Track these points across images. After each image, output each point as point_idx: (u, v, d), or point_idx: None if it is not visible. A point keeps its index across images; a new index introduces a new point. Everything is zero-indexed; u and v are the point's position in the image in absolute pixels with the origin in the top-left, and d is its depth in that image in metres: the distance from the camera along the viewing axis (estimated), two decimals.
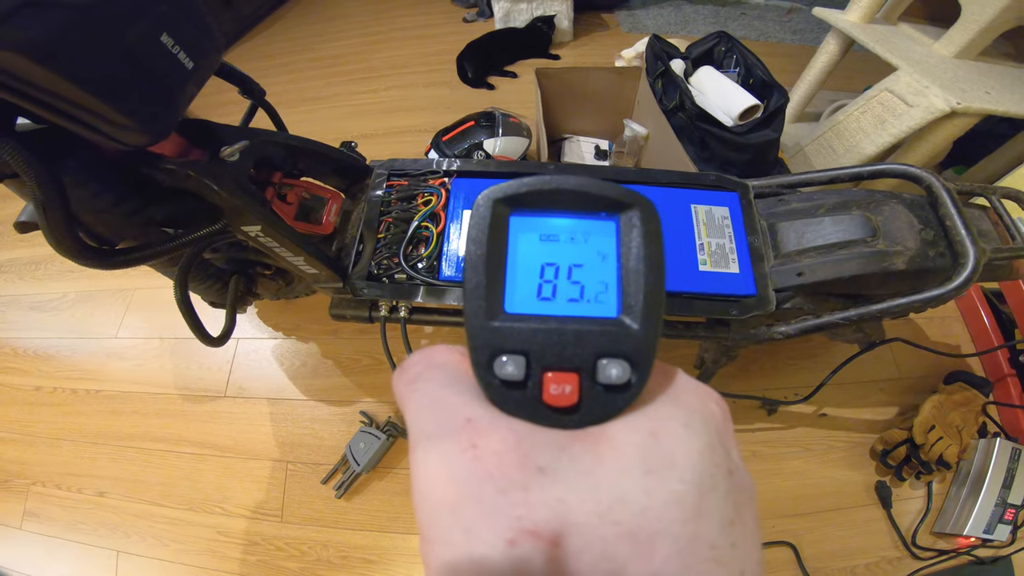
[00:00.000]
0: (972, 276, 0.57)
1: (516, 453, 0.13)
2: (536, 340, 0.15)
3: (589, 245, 0.17)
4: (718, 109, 1.04)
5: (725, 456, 0.15)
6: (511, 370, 0.15)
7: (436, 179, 0.69)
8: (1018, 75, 1.17)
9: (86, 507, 0.88)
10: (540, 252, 0.17)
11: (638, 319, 0.15)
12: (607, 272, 0.16)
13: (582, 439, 0.14)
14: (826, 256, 0.61)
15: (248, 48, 2.00)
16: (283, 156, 0.63)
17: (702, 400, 0.16)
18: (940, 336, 1.09)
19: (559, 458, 0.14)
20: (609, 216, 0.17)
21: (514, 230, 0.17)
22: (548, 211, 0.17)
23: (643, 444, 0.14)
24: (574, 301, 0.16)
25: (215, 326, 0.69)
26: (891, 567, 0.85)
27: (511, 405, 0.15)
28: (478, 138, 1.25)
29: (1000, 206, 0.66)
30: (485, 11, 2.06)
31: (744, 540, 0.14)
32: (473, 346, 0.15)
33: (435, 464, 0.14)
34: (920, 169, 0.62)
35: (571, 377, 0.15)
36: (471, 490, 0.13)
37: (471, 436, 0.14)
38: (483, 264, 0.16)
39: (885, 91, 1.09)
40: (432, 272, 0.63)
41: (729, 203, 0.66)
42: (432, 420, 0.15)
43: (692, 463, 0.14)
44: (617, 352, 0.15)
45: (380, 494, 0.86)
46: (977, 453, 0.91)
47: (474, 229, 0.16)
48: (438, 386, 0.16)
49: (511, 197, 0.16)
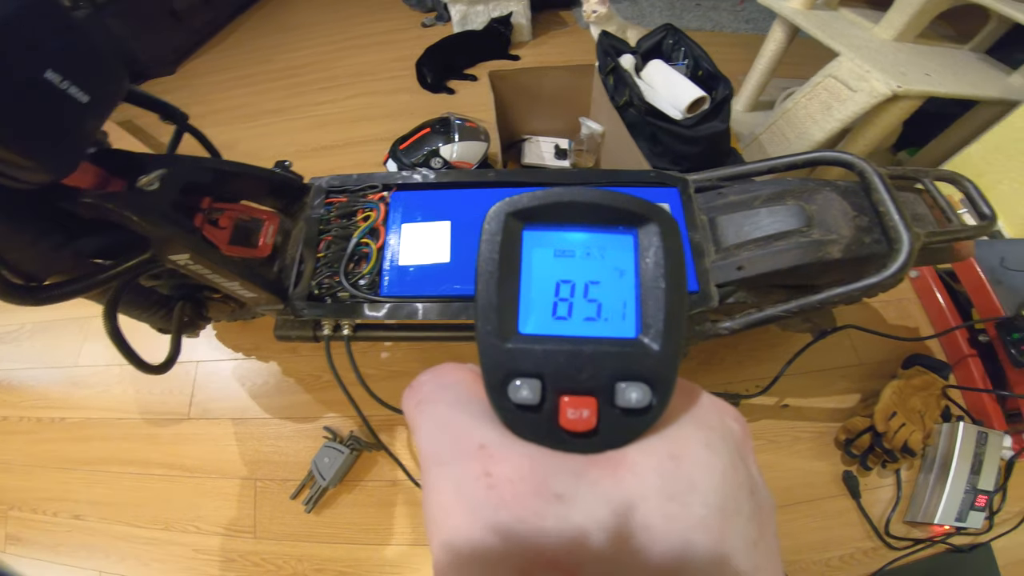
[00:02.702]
0: (907, 262, 0.57)
1: (531, 480, 0.13)
2: (552, 363, 0.14)
3: (606, 261, 0.16)
4: (667, 103, 1.04)
5: (746, 475, 0.14)
6: (526, 394, 0.14)
7: (375, 194, 0.68)
8: (958, 56, 1.20)
9: (64, 530, 0.90)
10: (555, 268, 0.16)
11: (658, 339, 0.14)
12: (625, 289, 0.16)
13: (600, 464, 0.14)
14: (764, 248, 0.61)
15: (203, 62, 1.96)
16: (211, 181, 0.61)
17: (721, 418, 0.15)
18: (898, 319, 1.10)
19: (577, 484, 0.13)
20: (627, 230, 0.16)
21: (527, 245, 0.16)
22: (563, 225, 0.16)
23: (663, 468, 0.13)
24: (591, 320, 0.15)
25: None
26: (867, 558, 0.85)
27: (526, 429, 0.14)
28: (435, 144, 1.24)
29: (934, 189, 0.67)
30: (443, 15, 2.05)
31: (767, 561, 0.13)
32: (486, 368, 0.15)
33: (448, 492, 0.13)
34: (852, 155, 0.62)
35: (589, 401, 0.14)
36: (486, 519, 0.12)
37: (484, 463, 0.13)
38: (495, 282, 0.15)
39: (829, 77, 1.10)
40: (374, 288, 0.62)
41: (669, 199, 0.66)
42: (443, 444, 0.14)
43: (715, 486, 0.13)
44: (636, 375, 0.14)
45: (349, 507, 0.88)
46: (941, 438, 0.89)
47: (485, 244, 0.15)
48: (448, 408, 0.15)
49: (524, 210, 0.16)
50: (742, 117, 1.53)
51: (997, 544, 0.86)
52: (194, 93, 1.81)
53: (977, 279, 0.97)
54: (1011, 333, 0.88)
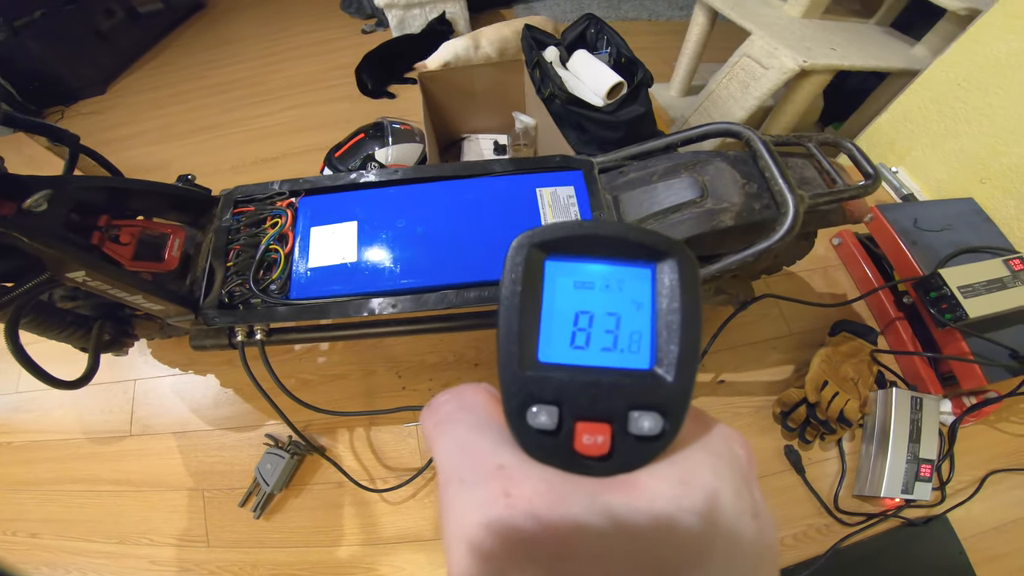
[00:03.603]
0: (794, 223, 0.60)
1: (548, 501, 0.14)
2: (569, 391, 0.15)
3: (624, 293, 0.16)
4: (590, 91, 1.06)
5: (751, 500, 0.15)
6: (544, 420, 0.15)
7: (283, 200, 0.68)
8: (863, 30, 1.26)
9: (24, 548, 0.90)
10: (575, 299, 0.16)
11: (672, 371, 0.15)
12: (641, 321, 0.16)
13: (615, 488, 0.14)
14: (662, 221, 0.64)
15: (134, 81, 1.91)
16: (105, 199, 0.60)
17: (728, 444, 0.16)
18: (825, 287, 1.11)
19: (592, 506, 0.14)
20: (645, 264, 0.16)
21: (549, 276, 0.16)
22: (584, 257, 0.17)
23: (674, 493, 0.14)
24: (607, 351, 0.16)
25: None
26: (820, 535, 0.83)
27: (543, 453, 0.15)
28: (370, 149, 1.24)
29: (818, 152, 0.70)
30: (384, 20, 2.04)
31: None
32: (506, 394, 0.15)
33: (470, 510, 0.14)
34: (738, 125, 0.65)
35: (603, 428, 0.15)
36: (506, 538, 0.13)
37: (504, 484, 0.14)
38: (517, 311, 0.16)
39: (744, 56, 1.15)
40: (284, 292, 0.62)
41: (574, 182, 0.68)
42: (463, 464, 0.15)
43: (722, 510, 0.14)
44: (650, 405, 0.15)
45: (298, 511, 0.88)
46: (877, 406, 0.87)
47: (508, 275, 0.16)
48: (467, 429, 0.16)
49: (547, 242, 0.16)
50: (676, 102, 1.58)
51: (954, 515, 0.84)
52: (126, 112, 1.76)
53: (893, 241, 0.99)
54: (929, 292, 0.88)
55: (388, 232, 0.64)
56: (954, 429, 0.90)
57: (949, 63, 1.07)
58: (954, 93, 1.07)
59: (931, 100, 1.12)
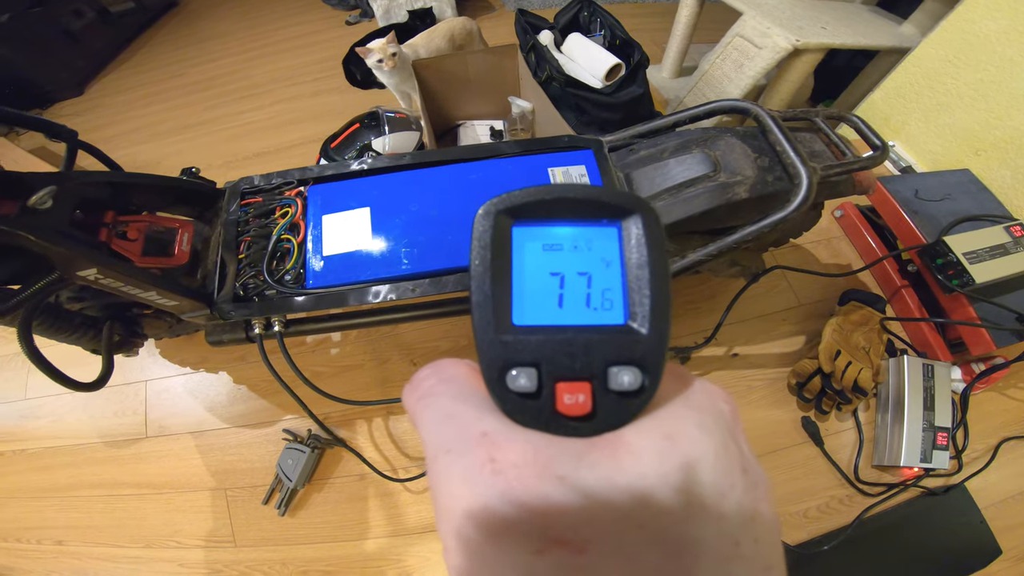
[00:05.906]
0: (808, 194, 0.61)
1: (535, 464, 0.13)
2: (546, 351, 0.15)
3: (592, 253, 0.16)
4: (587, 73, 1.06)
5: (738, 454, 0.15)
6: (523, 382, 0.15)
7: (291, 190, 0.67)
8: (851, 10, 1.27)
9: (51, 556, 0.89)
10: (544, 262, 0.16)
11: (646, 324, 0.15)
12: (612, 278, 0.16)
13: (599, 446, 0.14)
14: (676, 196, 0.64)
15: (111, 81, 1.85)
16: (111, 194, 0.59)
17: (712, 400, 0.16)
18: (830, 258, 1.13)
19: (578, 466, 0.13)
20: (611, 222, 0.17)
21: (517, 241, 0.16)
22: (550, 220, 0.17)
23: (659, 448, 0.14)
24: (581, 309, 0.16)
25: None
26: (843, 506, 0.83)
27: (525, 417, 0.15)
28: (366, 139, 1.22)
29: (826, 126, 0.72)
30: (368, 11, 2.00)
31: (766, 534, 0.14)
32: (484, 360, 0.15)
33: (456, 479, 0.14)
34: (747, 102, 0.66)
35: (583, 386, 0.15)
36: (494, 504, 0.13)
37: (489, 450, 0.14)
38: (488, 278, 0.16)
39: (737, 36, 1.15)
40: (300, 282, 0.62)
41: (585, 161, 0.68)
42: (447, 435, 0.15)
43: (709, 464, 0.14)
44: (627, 359, 0.15)
45: (322, 505, 0.87)
46: (889, 375, 0.87)
47: (477, 242, 0.16)
48: (450, 400, 0.16)
49: (513, 208, 0.16)
50: (668, 84, 1.58)
51: (971, 484, 0.84)
52: (106, 113, 1.71)
53: (895, 211, 1.00)
54: (935, 259, 0.89)
55: (402, 216, 0.64)
56: (966, 396, 0.90)
57: (939, 41, 1.09)
58: (945, 70, 1.10)
59: (923, 76, 1.14)
